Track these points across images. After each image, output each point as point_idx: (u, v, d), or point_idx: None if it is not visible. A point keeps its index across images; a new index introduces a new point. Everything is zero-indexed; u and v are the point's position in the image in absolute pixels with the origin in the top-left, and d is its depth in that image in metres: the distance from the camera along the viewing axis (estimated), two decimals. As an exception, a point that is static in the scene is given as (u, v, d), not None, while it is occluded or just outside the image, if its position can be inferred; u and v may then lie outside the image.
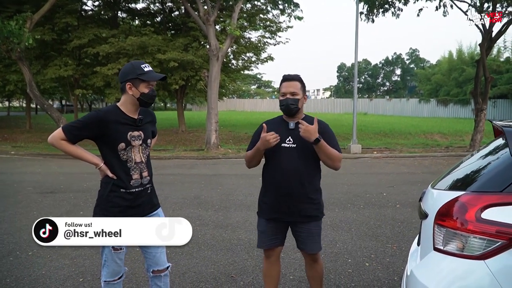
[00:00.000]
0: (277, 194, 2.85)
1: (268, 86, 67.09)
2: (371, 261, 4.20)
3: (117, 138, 2.54)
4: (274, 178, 2.85)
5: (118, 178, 2.56)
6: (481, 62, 14.66)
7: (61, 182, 8.59)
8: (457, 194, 2.07)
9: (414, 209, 6.26)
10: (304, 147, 2.76)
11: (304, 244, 2.90)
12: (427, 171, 10.15)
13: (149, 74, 2.57)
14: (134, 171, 2.60)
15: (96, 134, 2.54)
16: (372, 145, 16.31)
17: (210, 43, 14.66)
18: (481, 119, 14.80)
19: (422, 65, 60.45)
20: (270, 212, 2.90)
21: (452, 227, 1.99)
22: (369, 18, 16.19)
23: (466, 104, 33.86)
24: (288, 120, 2.87)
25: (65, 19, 17.44)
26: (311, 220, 2.85)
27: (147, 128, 2.71)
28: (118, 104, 2.63)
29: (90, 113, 2.56)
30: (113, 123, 2.53)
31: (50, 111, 14.97)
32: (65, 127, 2.52)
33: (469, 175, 2.31)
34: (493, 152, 2.43)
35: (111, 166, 2.57)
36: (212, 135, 14.83)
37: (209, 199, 6.99)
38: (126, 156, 2.57)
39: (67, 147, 2.52)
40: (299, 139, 2.74)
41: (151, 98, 2.62)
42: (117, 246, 2.59)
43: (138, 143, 2.61)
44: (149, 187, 2.71)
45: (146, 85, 2.57)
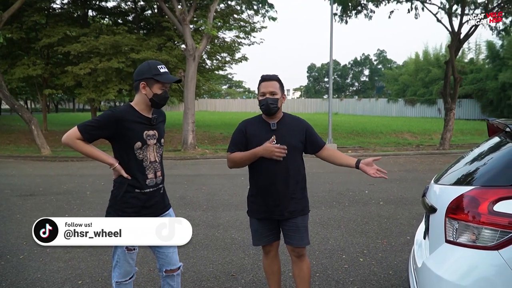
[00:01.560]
0: (263, 193, 2.89)
1: (239, 86, 67.14)
2: (365, 256, 4.32)
3: (133, 137, 2.54)
4: (259, 178, 2.89)
5: (133, 178, 2.56)
6: (450, 63, 15.20)
7: (39, 185, 8.37)
8: (466, 188, 2.19)
9: (397, 206, 6.47)
10: (288, 144, 2.81)
11: (290, 238, 2.93)
12: (403, 169, 10.47)
13: (164, 75, 2.58)
14: (149, 170, 2.61)
15: (113, 134, 2.53)
16: (346, 144, 16.63)
17: (186, 43, 14.59)
18: (451, 118, 15.35)
19: (389, 65, 61.90)
20: (260, 211, 2.94)
21: (464, 220, 2.11)
22: (343, 19, 16.50)
23: (433, 104, 34.99)
24: (268, 120, 2.90)
25: (33, 17, 16.94)
26: (297, 215, 2.90)
27: (161, 127, 2.73)
28: (132, 104, 2.63)
29: (106, 112, 2.56)
30: (130, 122, 2.53)
31: (21, 111, 14.51)
32: (81, 126, 2.49)
33: (475, 171, 2.44)
34: (495, 150, 2.58)
35: (126, 166, 2.57)
36: (189, 135, 14.77)
37: (195, 200, 6.98)
38: (142, 156, 2.57)
39: (83, 146, 2.51)
40: (281, 138, 2.81)
41: (163, 100, 2.63)
42: (130, 247, 2.60)
43: (153, 142, 2.62)
44: (162, 187, 2.73)
45: (160, 86, 2.58)
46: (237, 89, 67.31)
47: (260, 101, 2.85)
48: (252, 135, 2.90)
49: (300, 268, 2.99)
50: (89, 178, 9.01)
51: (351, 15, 16.39)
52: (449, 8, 15.01)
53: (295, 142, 2.86)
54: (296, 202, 2.89)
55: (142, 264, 4.04)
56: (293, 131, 2.91)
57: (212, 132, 19.09)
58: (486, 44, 31.02)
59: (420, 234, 2.93)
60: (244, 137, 2.91)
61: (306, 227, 2.97)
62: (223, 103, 48.20)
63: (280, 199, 2.85)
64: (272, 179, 2.83)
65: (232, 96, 60.87)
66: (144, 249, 3.79)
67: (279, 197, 2.85)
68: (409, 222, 5.57)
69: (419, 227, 3.14)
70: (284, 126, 2.89)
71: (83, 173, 9.68)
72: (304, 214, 2.95)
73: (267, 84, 2.85)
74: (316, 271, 3.94)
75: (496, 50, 29.95)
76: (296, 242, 2.92)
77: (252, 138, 2.88)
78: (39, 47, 17.92)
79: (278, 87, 2.87)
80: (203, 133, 18.70)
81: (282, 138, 2.82)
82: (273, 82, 2.86)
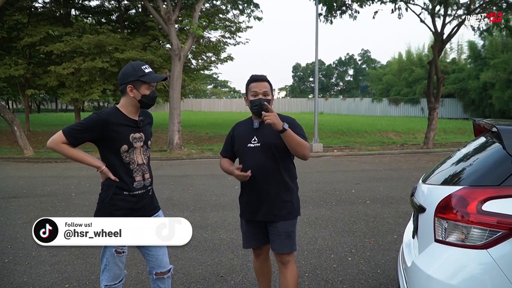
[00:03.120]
0: (248, 194, 2.86)
1: (225, 86, 67.02)
2: (353, 255, 4.35)
3: (119, 140, 2.52)
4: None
5: (121, 180, 2.54)
6: (433, 62, 15.42)
7: (22, 187, 8.22)
8: (455, 188, 2.22)
9: (384, 204, 6.53)
10: (268, 145, 2.74)
11: (271, 243, 2.85)
12: (388, 168, 10.57)
13: (150, 75, 2.56)
14: (137, 173, 2.59)
15: (98, 137, 2.51)
16: (331, 143, 16.74)
17: (172, 43, 14.51)
18: (434, 117, 15.56)
19: (373, 65, 62.51)
20: (246, 213, 2.91)
21: (453, 219, 2.13)
22: (328, 19, 16.58)
23: (416, 103, 35.48)
24: (255, 120, 2.85)
25: (15, 16, 16.64)
26: (278, 219, 2.79)
27: (147, 129, 2.71)
28: (118, 106, 2.61)
29: (91, 115, 2.54)
30: (116, 125, 2.52)
31: (2, 112, 14.22)
32: (66, 130, 2.47)
33: (462, 170, 2.48)
34: (481, 150, 2.62)
35: (113, 169, 2.54)
36: (175, 135, 14.68)
37: (183, 200, 6.95)
38: (128, 158, 2.56)
39: (69, 150, 2.49)
40: (262, 137, 2.76)
41: (152, 100, 2.62)
42: (119, 249, 2.57)
43: (139, 144, 2.61)
44: (151, 189, 2.71)
45: (148, 87, 2.57)
46: (222, 89, 67.20)
47: (253, 101, 2.76)
48: (237, 136, 2.90)
49: (284, 276, 2.84)
50: (74, 180, 8.89)
51: (336, 15, 16.47)
52: (432, 8, 15.21)
53: (276, 141, 2.69)
54: (279, 206, 2.78)
55: (131, 266, 4.00)
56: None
57: (198, 132, 19.02)
58: (468, 44, 31.57)
59: (408, 233, 2.96)
60: (232, 140, 2.93)
61: (289, 234, 2.81)
62: (208, 103, 48.06)
63: (262, 200, 2.78)
64: (256, 178, 2.75)
65: (217, 96, 60.72)
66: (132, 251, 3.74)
67: (261, 198, 2.78)
68: (396, 221, 5.63)
69: (407, 227, 3.16)
70: (268, 126, 2.67)
71: (67, 174, 9.54)
72: (286, 219, 2.80)
73: (259, 85, 2.79)
74: (305, 271, 3.96)
75: (478, 50, 30.49)
76: (276, 248, 2.82)
77: (237, 139, 2.89)
78: (20, 47, 17.62)
79: (269, 88, 2.83)
80: (189, 133, 18.62)
81: (263, 137, 2.76)
82: (264, 83, 2.81)
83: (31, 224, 5.50)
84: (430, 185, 2.60)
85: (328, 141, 17.01)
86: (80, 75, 16.86)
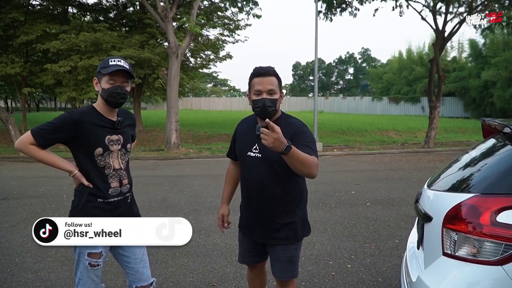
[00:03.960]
0: (245, 209, 2.55)
1: (224, 84, 66.79)
2: (353, 262, 4.14)
3: (93, 142, 2.30)
4: (243, 189, 2.53)
5: (95, 186, 2.32)
6: (435, 61, 15.17)
7: (13, 187, 8.01)
8: (465, 196, 2.00)
9: (384, 207, 6.32)
10: (270, 159, 2.32)
11: (272, 266, 2.54)
12: (389, 168, 10.36)
13: (110, 67, 2.27)
14: (113, 178, 2.37)
15: (70, 138, 2.28)
16: (331, 143, 16.53)
17: (169, 41, 14.29)
18: (435, 116, 15.32)
19: (373, 64, 62.23)
20: (245, 227, 2.59)
21: (463, 231, 1.92)
22: (328, 17, 16.36)
23: (416, 102, 35.23)
24: (259, 121, 2.39)
25: (11, 14, 16.41)
26: (278, 243, 2.43)
27: (127, 131, 2.48)
28: (94, 105, 2.39)
29: (63, 114, 2.30)
30: (90, 125, 2.29)
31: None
32: (35, 130, 2.25)
33: (472, 176, 2.26)
34: (492, 153, 2.41)
35: (86, 173, 2.32)
36: (172, 134, 14.47)
37: (177, 202, 6.73)
38: (103, 162, 2.34)
39: (37, 152, 2.26)
40: (265, 148, 2.15)
41: (111, 96, 2.28)
42: (93, 262, 2.35)
43: (117, 148, 2.38)
44: (129, 196, 2.49)
45: (107, 80, 2.28)
46: (222, 88, 66.95)
47: (255, 101, 2.31)
48: (239, 137, 2.55)
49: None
50: (67, 181, 8.66)
51: (335, 13, 16.24)
52: (434, 6, 14.97)
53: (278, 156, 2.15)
54: (278, 228, 2.40)
55: (118, 274, 3.79)
56: None
57: (197, 131, 18.80)
58: (468, 42, 31.29)
59: (412, 241, 2.74)
60: (234, 140, 2.61)
61: (291, 259, 2.46)
62: (208, 101, 47.88)
63: (258, 221, 2.45)
64: (252, 194, 2.43)
65: (217, 94, 60.53)
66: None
67: (256, 218, 2.45)
68: (397, 224, 5.42)
69: (411, 234, 2.95)
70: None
71: (60, 175, 9.25)
72: (287, 244, 2.43)
73: (263, 80, 2.30)
74: (302, 279, 3.74)
75: (479, 49, 30.20)
76: (277, 274, 2.51)
77: (238, 141, 2.55)
78: (17, 45, 17.40)
79: (276, 84, 2.34)
80: (187, 132, 18.41)
81: (266, 149, 2.17)
82: (271, 78, 2.32)
83: (18, 228, 5.32)
84: (436, 191, 2.38)
85: (328, 140, 16.80)
86: (77, 74, 16.62)
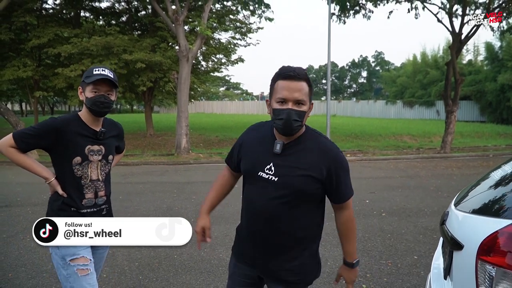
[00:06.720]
0: (245, 234, 2.05)
1: (237, 88, 66.71)
2: (368, 282, 3.84)
3: (73, 151, 2.25)
4: (246, 215, 2.04)
5: (69, 196, 2.26)
6: (451, 64, 14.75)
7: (17, 194, 7.86)
8: (503, 223, 1.71)
9: (401, 218, 5.99)
10: (289, 185, 1.84)
11: None
12: (404, 175, 9.99)
13: (94, 76, 2.22)
14: (88, 189, 2.31)
15: (51, 144, 2.24)
16: (344, 147, 16.16)
17: (179, 44, 14.11)
18: (452, 121, 14.87)
19: (387, 67, 61.65)
20: (239, 253, 2.12)
21: (503, 265, 1.63)
22: (341, 19, 16.07)
23: (431, 106, 34.60)
24: (278, 136, 1.91)
25: (23, 18, 16.44)
26: (279, 285, 1.98)
27: (110, 142, 2.40)
28: (79, 113, 2.33)
29: (46, 120, 2.25)
30: (71, 134, 2.24)
31: (7, 115, 13.98)
32: (16, 134, 2.23)
33: (506, 197, 1.96)
34: (531, 169, 2.11)
35: (62, 182, 2.27)
36: (182, 139, 14.27)
37: (183, 211, 6.49)
38: (81, 172, 2.27)
39: (16, 156, 2.23)
40: (283, 170, 1.84)
41: (94, 104, 2.25)
42: (82, 267, 2.23)
43: (97, 158, 2.31)
44: (105, 208, 2.41)
45: (91, 89, 2.25)
46: (235, 91, 66.88)
47: (277, 111, 1.79)
48: (248, 148, 2.01)
49: None
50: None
51: (349, 15, 15.95)
52: (450, 8, 14.57)
53: (304, 186, 1.83)
54: (287, 268, 1.94)
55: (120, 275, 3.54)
56: (308, 165, 1.85)
57: (208, 136, 18.60)
58: (484, 45, 30.66)
59: (437, 265, 2.44)
60: (239, 150, 2.05)
61: None
62: (220, 105, 47.79)
63: (257, 256, 1.99)
64: (258, 225, 1.94)
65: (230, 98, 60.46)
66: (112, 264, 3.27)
67: (256, 252, 1.99)
68: (415, 238, 5.09)
69: (435, 257, 2.64)
70: (296, 152, 1.86)
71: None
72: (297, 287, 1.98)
73: (291, 86, 1.78)
74: (313, 301, 3.46)
75: (495, 52, 29.59)
76: None
77: (247, 153, 2.00)
78: (28, 48, 17.42)
79: (307, 92, 1.82)
80: (198, 136, 18.22)
81: (285, 169, 1.83)
82: (301, 83, 1.79)
83: (15, 239, 5.11)
84: (465, 213, 2.09)
85: (341, 145, 16.42)
86: (87, 77, 16.55)
